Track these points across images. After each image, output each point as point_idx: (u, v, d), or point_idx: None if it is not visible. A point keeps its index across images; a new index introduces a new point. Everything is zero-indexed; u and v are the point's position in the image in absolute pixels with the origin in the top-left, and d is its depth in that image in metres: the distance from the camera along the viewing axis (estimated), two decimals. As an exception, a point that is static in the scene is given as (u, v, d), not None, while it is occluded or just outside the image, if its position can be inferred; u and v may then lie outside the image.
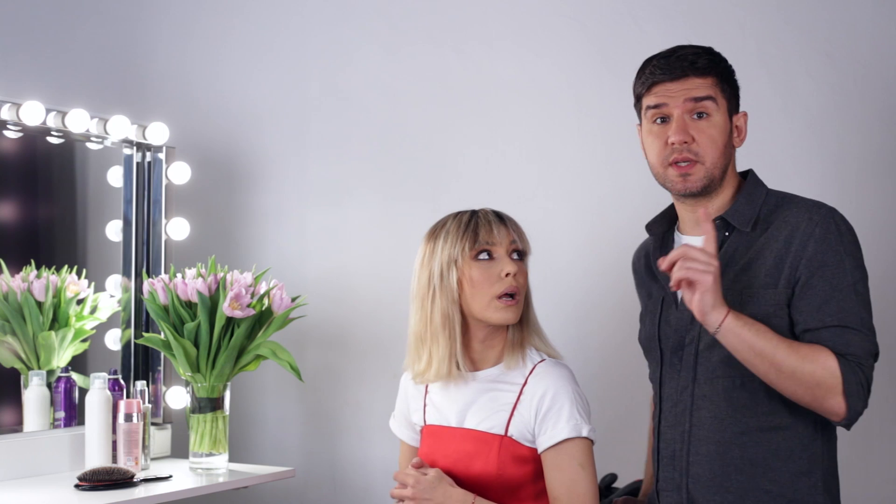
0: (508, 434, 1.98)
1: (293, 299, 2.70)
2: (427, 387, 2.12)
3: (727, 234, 1.89)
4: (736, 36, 2.57)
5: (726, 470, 1.82)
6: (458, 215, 2.06)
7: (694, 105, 1.86)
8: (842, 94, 2.47)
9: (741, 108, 1.96)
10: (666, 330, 1.93)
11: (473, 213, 2.05)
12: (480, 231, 2.00)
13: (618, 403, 2.59)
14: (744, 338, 1.74)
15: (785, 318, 1.81)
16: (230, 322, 2.61)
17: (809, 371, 1.74)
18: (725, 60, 1.92)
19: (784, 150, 2.52)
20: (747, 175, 1.95)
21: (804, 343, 1.78)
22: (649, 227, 2.03)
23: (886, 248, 2.43)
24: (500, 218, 2.03)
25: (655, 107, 1.89)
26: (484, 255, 2.00)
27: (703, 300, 1.73)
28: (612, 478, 2.19)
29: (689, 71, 1.86)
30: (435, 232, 2.06)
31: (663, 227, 2.01)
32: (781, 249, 1.82)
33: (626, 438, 2.49)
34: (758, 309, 1.81)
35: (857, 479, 2.43)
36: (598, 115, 2.69)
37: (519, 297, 2.00)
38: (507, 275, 1.98)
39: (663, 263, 1.78)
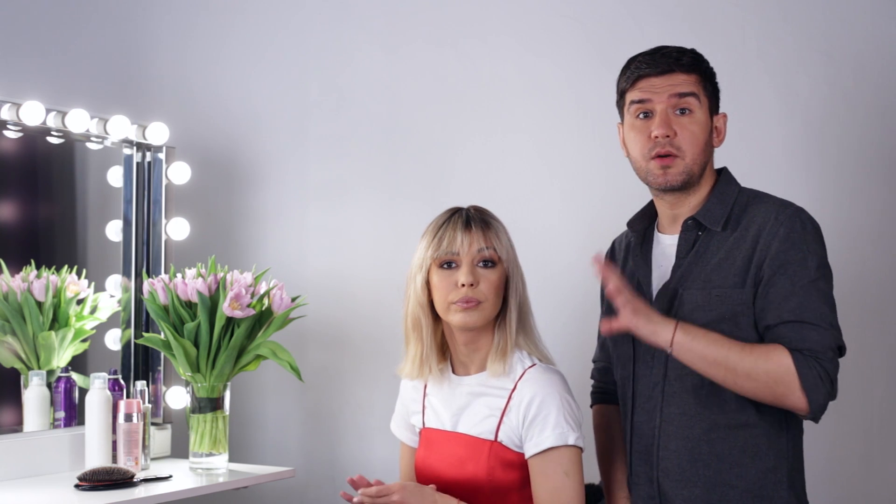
0: (498, 439, 1.99)
1: (293, 299, 2.70)
2: (426, 389, 2.13)
3: (699, 233, 1.93)
4: (736, 36, 2.57)
5: (694, 465, 1.87)
6: (441, 216, 2.07)
7: (678, 101, 1.90)
8: (841, 94, 2.47)
9: (723, 111, 2.00)
10: None
11: (450, 216, 2.04)
12: (445, 239, 2.00)
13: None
14: (695, 350, 1.79)
15: (751, 317, 1.85)
16: (230, 322, 2.61)
17: (764, 370, 1.78)
18: (707, 62, 1.96)
19: (783, 150, 2.52)
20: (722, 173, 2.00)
21: (758, 344, 1.82)
22: (631, 223, 2.07)
23: (885, 247, 2.43)
24: (469, 225, 2.01)
25: (640, 101, 1.93)
26: (446, 266, 2.01)
27: (640, 334, 1.81)
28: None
29: (674, 66, 1.91)
30: (425, 230, 2.07)
31: (644, 224, 2.05)
32: (749, 249, 1.86)
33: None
34: (727, 309, 1.85)
35: (856, 479, 2.44)
36: (598, 115, 2.69)
37: (484, 303, 1.99)
38: (461, 285, 1.98)
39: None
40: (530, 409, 1.96)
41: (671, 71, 1.91)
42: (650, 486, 1.94)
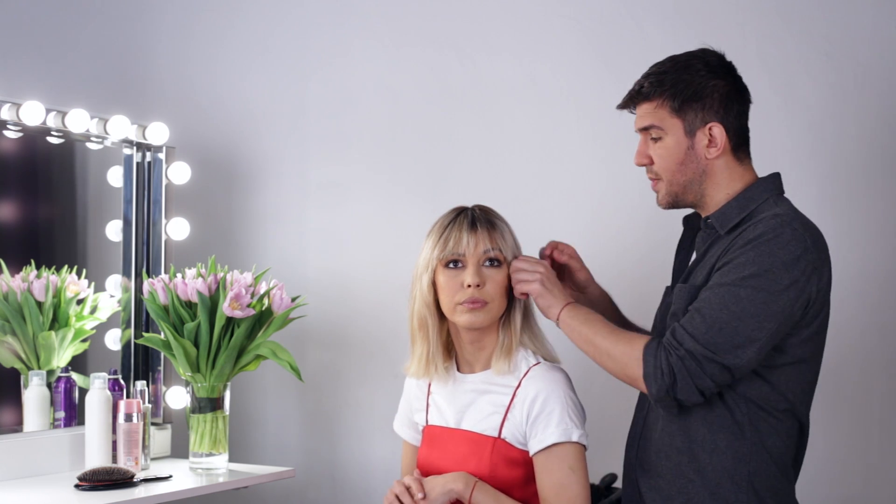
0: (502, 436, 2.00)
1: (293, 299, 2.70)
2: (430, 387, 2.13)
3: (717, 234, 1.93)
4: (736, 36, 2.57)
5: (658, 456, 1.92)
6: (446, 215, 2.07)
7: (646, 133, 1.95)
8: (841, 94, 2.48)
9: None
10: (658, 316, 2.04)
11: (456, 216, 2.05)
12: (451, 240, 2.01)
13: (617, 404, 2.59)
14: (573, 328, 1.94)
15: None
16: (230, 322, 2.61)
17: (620, 352, 1.87)
18: (682, 78, 1.91)
19: (784, 150, 2.52)
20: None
21: (632, 332, 1.92)
22: (685, 218, 2.10)
23: (886, 247, 2.43)
24: (475, 226, 2.02)
25: (637, 130, 2.00)
26: (451, 265, 2.01)
27: (538, 303, 1.99)
28: (612, 478, 2.19)
29: (635, 99, 1.96)
30: (430, 230, 2.08)
31: (697, 220, 2.05)
32: (723, 252, 1.86)
33: (625, 441, 2.48)
34: (681, 304, 1.89)
35: (856, 479, 2.44)
36: (598, 115, 2.69)
37: (490, 303, 2.00)
38: (468, 286, 1.98)
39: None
40: (534, 406, 1.97)
41: (636, 103, 1.95)
42: (631, 472, 2.00)
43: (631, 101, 1.96)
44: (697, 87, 1.91)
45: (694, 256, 1.99)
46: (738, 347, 1.77)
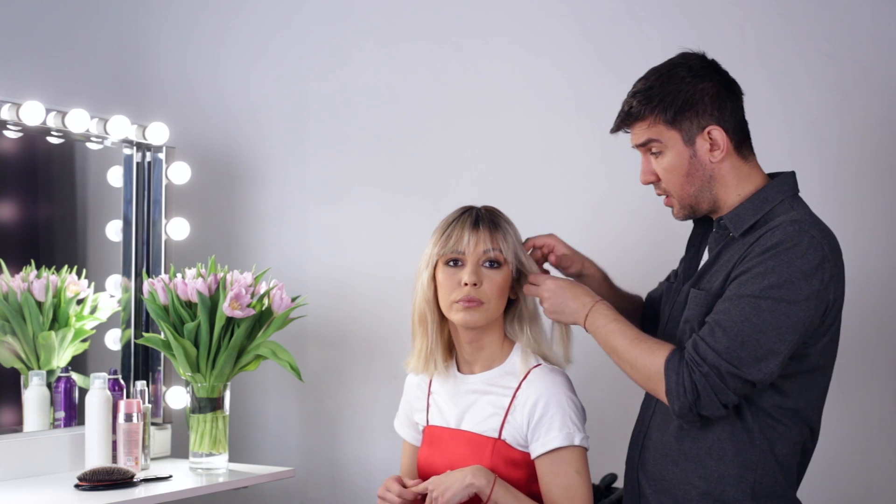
0: (501, 437, 2.00)
1: (293, 299, 2.70)
2: (430, 387, 2.13)
3: (731, 236, 1.90)
4: (736, 36, 2.57)
5: (665, 460, 1.91)
6: (453, 213, 2.07)
7: (644, 150, 1.93)
8: (842, 95, 2.48)
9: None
10: (667, 311, 2.02)
11: (461, 214, 2.05)
12: (452, 238, 2.01)
13: (618, 405, 2.59)
14: (598, 335, 1.91)
15: None
16: (230, 322, 2.61)
17: (643, 364, 1.84)
18: (669, 90, 1.88)
19: (784, 151, 2.51)
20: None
21: (654, 339, 1.86)
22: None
23: (885, 247, 2.43)
24: (477, 225, 2.02)
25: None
26: (451, 263, 2.01)
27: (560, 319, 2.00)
28: (613, 478, 2.20)
29: (627, 121, 1.93)
30: (436, 227, 2.08)
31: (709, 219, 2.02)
32: (741, 257, 1.82)
33: (626, 441, 2.48)
34: (698, 311, 1.86)
35: (856, 479, 2.44)
36: (598, 114, 2.69)
37: (486, 304, 1.99)
38: (464, 284, 1.98)
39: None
40: (535, 409, 1.97)
41: (628, 124, 1.93)
42: (632, 472, 1.99)
43: (623, 123, 1.93)
44: (687, 95, 1.87)
45: (706, 257, 1.96)
46: (761, 361, 1.75)
